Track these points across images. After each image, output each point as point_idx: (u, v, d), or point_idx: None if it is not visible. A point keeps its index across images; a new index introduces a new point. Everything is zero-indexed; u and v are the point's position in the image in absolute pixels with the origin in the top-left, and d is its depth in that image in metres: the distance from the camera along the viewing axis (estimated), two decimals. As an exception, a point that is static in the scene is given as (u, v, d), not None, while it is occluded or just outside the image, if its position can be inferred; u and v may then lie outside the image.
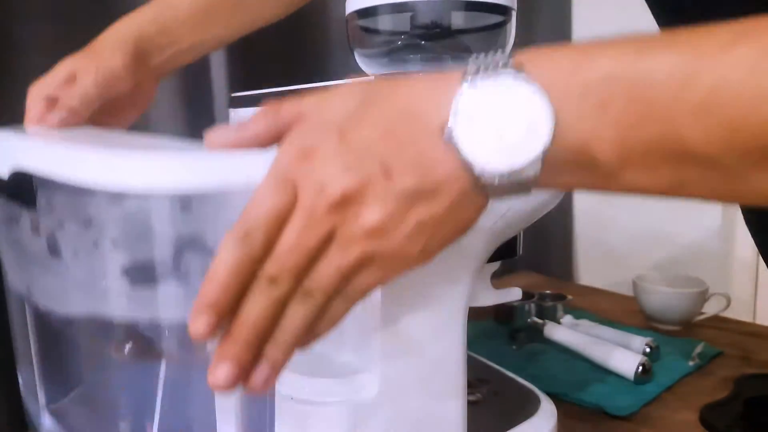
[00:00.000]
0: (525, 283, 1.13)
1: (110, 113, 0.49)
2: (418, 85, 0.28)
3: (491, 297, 0.49)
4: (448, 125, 0.26)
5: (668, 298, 0.89)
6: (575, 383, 0.71)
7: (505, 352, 0.82)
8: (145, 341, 0.32)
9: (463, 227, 0.29)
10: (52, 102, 0.45)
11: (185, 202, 0.28)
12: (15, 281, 0.40)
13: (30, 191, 0.32)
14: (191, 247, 0.29)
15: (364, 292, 0.29)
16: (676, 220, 1.20)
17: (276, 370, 0.29)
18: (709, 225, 1.16)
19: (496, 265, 0.49)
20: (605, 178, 0.26)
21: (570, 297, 0.94)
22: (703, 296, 0.89)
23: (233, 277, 0.27)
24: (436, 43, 0.50)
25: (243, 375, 0.28)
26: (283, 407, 0.41)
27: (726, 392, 0.68)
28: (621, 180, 0.26)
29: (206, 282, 0.27)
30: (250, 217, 0.27)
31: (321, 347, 0.45)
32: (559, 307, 0.90)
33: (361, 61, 0.54)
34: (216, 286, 0.27)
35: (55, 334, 0.38)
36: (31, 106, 0.46)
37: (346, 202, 0.26)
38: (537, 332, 0.83)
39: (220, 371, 0.27)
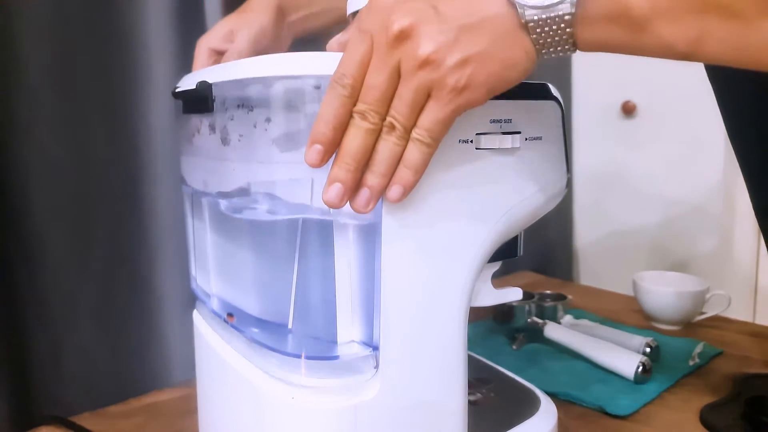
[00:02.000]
0: (525, 282, 1.14)
1: None
2: None
3: (491, 297, 0.49)
4: None
5: (668, 297, 0.89)
6: (575, 383, 0.71)
7: (505, 352, 0.82)
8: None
9: (508, 66, 0.35)
10: (215, 53, 0.59)
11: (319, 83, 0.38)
12: (194, 180, 0.52)
13: (208, 99, 0.44)
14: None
15: (432, 131, 0.35)
16: (677, 219, 1.20)
17: (374, 194, 0.36)
18: (709, 225, 1.16)
19: (496, 265, 0.49)
20: (635, 31, 0.33)
21: (570, 297, 0.94)
22: (704, 296, 0.89)
23: (333, 114, 0.35)
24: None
25: (348, 193, 0.36)
26: (283, 407, 0.41)
27: (726, 392, 0.68)
28: (649, 33, 0.33)
29: (316, 120, 0.35)
30: (342, 64, 0.35)
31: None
32: (559, 306, 0.90)
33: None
34: (321, 122, 0.35)
35: (224, 220, 0.49)
36: (198, 55, 0.59)
37: (404, 38, 0.33)
38: (537, 332, 0.83)
39: (331, 189, 0.36)
